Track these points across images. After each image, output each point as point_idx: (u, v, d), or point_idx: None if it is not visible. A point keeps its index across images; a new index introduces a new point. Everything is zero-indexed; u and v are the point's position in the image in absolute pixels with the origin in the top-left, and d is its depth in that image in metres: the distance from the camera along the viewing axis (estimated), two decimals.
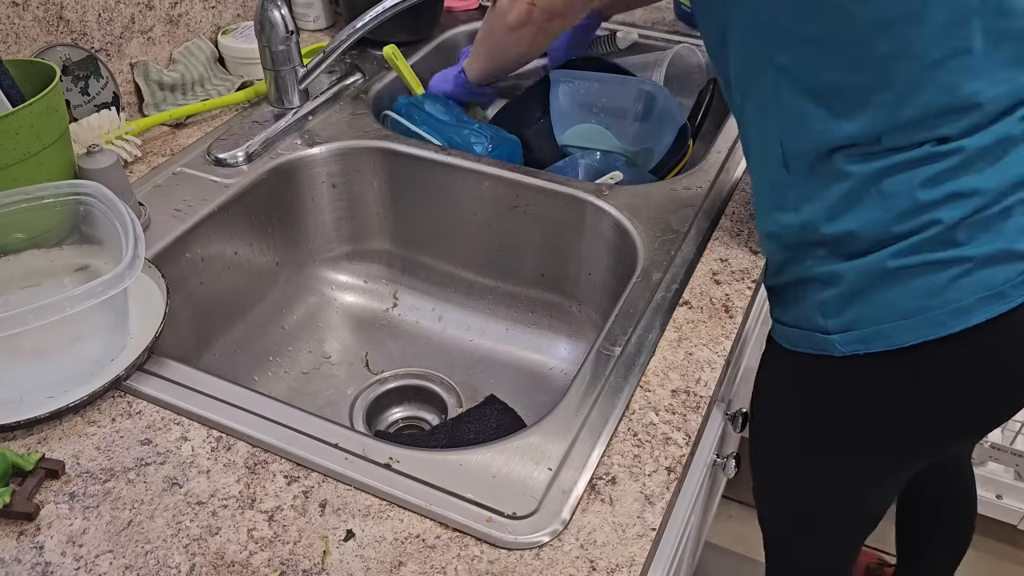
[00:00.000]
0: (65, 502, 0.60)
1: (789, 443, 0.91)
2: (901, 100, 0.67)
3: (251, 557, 0.57)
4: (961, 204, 0.68)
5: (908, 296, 0.70)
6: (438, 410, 0.97)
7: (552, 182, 0.95)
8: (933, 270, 0.69)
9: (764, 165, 0.77)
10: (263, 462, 0.63)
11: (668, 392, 0.69)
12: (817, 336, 0.77)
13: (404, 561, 0.56)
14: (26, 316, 0.61)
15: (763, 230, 0.80)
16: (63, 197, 0.75)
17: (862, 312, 0.73)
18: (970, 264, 0.69)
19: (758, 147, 0.78)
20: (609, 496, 0.61)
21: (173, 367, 0.71)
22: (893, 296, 0.71)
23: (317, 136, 1.02)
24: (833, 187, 0.71)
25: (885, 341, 0.72)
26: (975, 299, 0.69)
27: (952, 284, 0.69)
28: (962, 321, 0.69)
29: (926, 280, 0.70)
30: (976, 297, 0.69)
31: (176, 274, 0.86)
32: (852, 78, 0.68)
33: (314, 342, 1.02)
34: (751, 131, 0.78)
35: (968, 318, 0.69)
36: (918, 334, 0.71)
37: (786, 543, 1.08)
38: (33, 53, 0.93)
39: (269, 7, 0.98)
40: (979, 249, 0.69)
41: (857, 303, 0.73)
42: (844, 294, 0.73)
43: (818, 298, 0.76)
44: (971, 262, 0.69)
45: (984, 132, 0.68)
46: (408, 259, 1.08)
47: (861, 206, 0.70)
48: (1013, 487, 1.55)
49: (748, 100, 0.76)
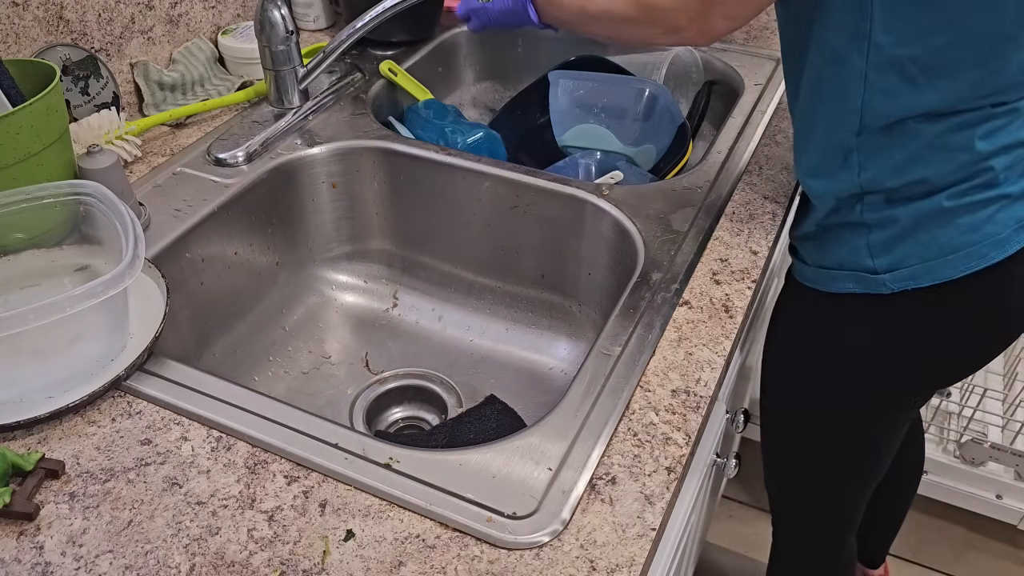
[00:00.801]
0: (65, 502, 0.60)
1: (811, 385, 0.94)
2: (986, 76, 0.72)
3: (251, 557, 0.57)
4: (1009, 154, 0.75)
5: (954, 232, 0.76)
6: (438, 410, 0.97)
7: (552, 182, 0.95)
8: (976, 208, 0.75)
9: (830, 130, 0.79)
10: (263, 462, 0.63)
11: (668, 392, 0.69)
12: (864, 276, 0.80)
13: (404, 561, 0.56)
14: (26, 316, 0.61)
15: (816, 184, 0.82)
16: (63, 197, 0.75)
17: (911, 250, 0.77)
18: (1007, 200, 0.75)
19: (827, 114, 0.79)
20: (609, 496, 0.61)
21: (173, 367, 0.71)
22: (941, 233, 0.76)
23: (317, 136, 1.02)
24: (901, 147, 0.75)
25: (932, 276, 0.77)
26: (1010, 231, 0.76)
27: (990, 220, 0.75)
28: (1001, 251, 0.76)
29: (969, 217, 0.75)
30: (1011, 229, 0.76)
31: (176, 274, 0.86)
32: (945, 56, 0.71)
33: (314, 342, 1.02)
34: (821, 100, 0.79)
35: (1006, 248, 0.76)
36: (964, 266, 0.76)
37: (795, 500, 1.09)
38: (33, 53, 0.93)
39: (269, 7, 0.98)
40: (1014, 186, 0.75)
41: (907, 242, 0.77)
42: (895, 235, 0.78)
43: (866, 240, 0.79)
44: (1007, 199, 0.75)
45: None
46: (408, 259, 1.08)
47: (927, 160, 0.75)
48: (1013, 487, 1.55)
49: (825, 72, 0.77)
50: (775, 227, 0.89)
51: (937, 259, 0.77)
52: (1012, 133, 0.75)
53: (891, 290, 0.79)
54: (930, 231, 0.76)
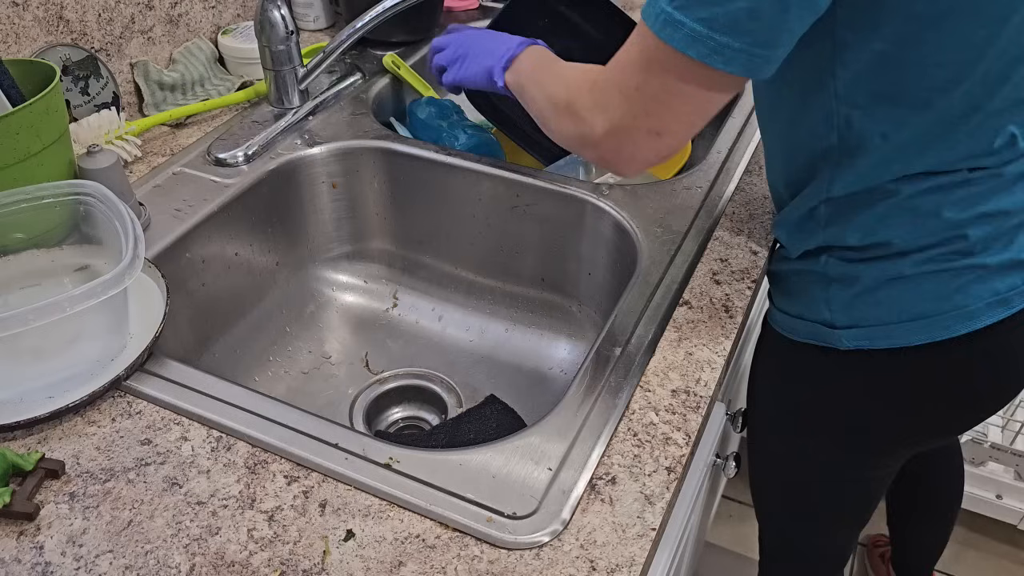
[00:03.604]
0: (65, 502, 0.60)
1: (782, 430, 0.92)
2: (959, 142, 0.68)
3: (251, 557, 0.57)
4: (989, 223, 0.70)
5: (917, 298, 0.72)
6: (438, 410, 0.97)
7: (552, 182, 0.95)
8: (945, 276, 0.71)
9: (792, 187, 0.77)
10: (263, 462, 0.63)
11: (668, 392, 0.69)
12: (822, 329, 0.78)
13: (404, 561, 0.56)
14: (26, 316, 0.61)
15: (784, 232, 0.80)
16: (63, 197, 0.75)
17: (871, 311, 0.74)
18: (984, 271, 0.71)
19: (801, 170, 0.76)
20: (609, 496, 0.61)
21: (173, 367, 0.71)
22: (902, 297, 0.73)
23: (317, 136, 1.02)
24: (870, 208, 0.72)
25: (890, 340, 0.74)
26: (983, 304, 0.71)
27: (962, 289, 0.71)
28: (967, 325, 0.72)
29: (937, 284, 0.72)
30: (985, 303, 0.71)
31: (176, 274, 0.86)
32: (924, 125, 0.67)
33: (314, 342, 1.02)
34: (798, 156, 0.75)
35: (973, 322, 0.72)
36: (924, 336, 0.73)
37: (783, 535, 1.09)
38: (33, 53, 0.93)
39: (269, 7, 0.98)
40: (994, 258, 0.71)
41: (867, 302, 0.74)
42: (856, 293, 0.75)
43: (826, 294, 0.77)
44: (985, 269, 0.71)
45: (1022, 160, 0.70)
46: (408, 259, 1.08)
47: (893, 222, 0.71)
48: (1013, 487, 1.55)
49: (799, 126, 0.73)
50: None
51: (896, 324, 0.73)
52: (992, 201, 0.70)
53: (847, 347, 0.76)
54: (891, 294, 0.73)
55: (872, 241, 0.73)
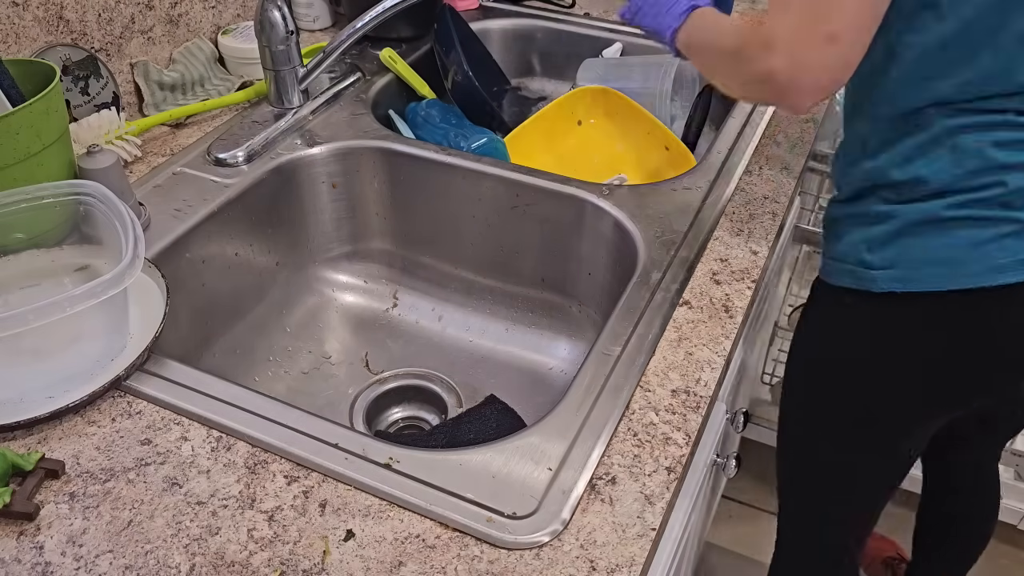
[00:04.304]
0: (65, 502, 0.60)
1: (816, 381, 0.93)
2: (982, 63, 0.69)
3: (251, 557, 0.57)
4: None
5: (949, 243, 0.74)
6: (438, 410, 0.97)
7: (552, 182, 0.95)
8: (979, 225, 0.72)
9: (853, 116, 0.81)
10: (263, 462, 0.63)
11: (668, 392, 0.69)
12: (859, 270, 0.80)
13: (404, 561, 0.56)
14: (26, 316, 0.61)
15: (842, 171, 0.83)
16: (63, 197, 0.75)
17: (904, 252, 0.76)
18: (1020, 227, 0.72)
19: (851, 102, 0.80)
20: (609, 496, 0.61)
21: (173, 367, 0.71)
22: (935, 241, 0.74)
23: (317, 136, 1.02)
24: (911, 136, 0.74)
25: (918, 283, 0.76)
26: (1013, 260, 0.72)
27: (995, 242, 0.72)
28: (993, 278, 0.73)
29: (969, 233, 0.73)
30: (1015, 259, 0.72)
31: (176, 274, 0.86)
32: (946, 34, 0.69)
33: (314, 342, 1.02)
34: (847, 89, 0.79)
35: (1001, 276, 0.73)
36: (948, 281, 0.74)
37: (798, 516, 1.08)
38: (33, 53, 0.93)
39: (269, 7, 0.98)
40: None
41: (901, 242, 0.76)
42: (890, 232, 0.77)
43: (866, 233, 0.79)
44: (1021, 224, 0.72)
45: None
46: (408, 259, 1.08)
47: (933, 156, 0.73)
48: (1013, 487, 1.55)
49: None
50: (775, 227, 0.89)
51: (924, 267, 0.75)
52: None
53: (881, 289, 0.78)
54: (925, 236, 0.75)
55: (912, 175, 0.74)
